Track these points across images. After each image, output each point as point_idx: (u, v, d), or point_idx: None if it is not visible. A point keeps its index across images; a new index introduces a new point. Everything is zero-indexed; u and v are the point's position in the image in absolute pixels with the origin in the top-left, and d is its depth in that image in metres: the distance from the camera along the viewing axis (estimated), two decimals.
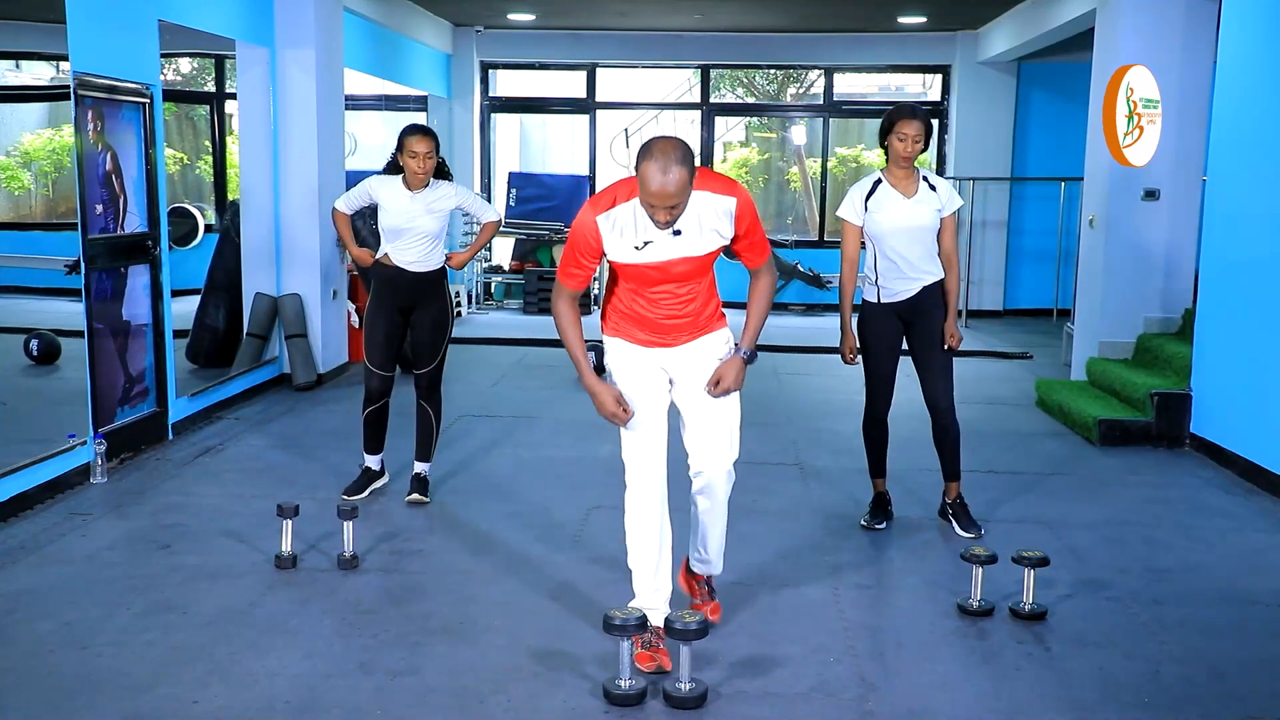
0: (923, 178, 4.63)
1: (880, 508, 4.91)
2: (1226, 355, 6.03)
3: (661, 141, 3.13)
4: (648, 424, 3.46)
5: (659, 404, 3.51)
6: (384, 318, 4.97)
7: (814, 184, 13.35)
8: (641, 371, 3.50)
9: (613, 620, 3.18)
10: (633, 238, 3.30)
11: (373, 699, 3.24)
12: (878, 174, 4.65)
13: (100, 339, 5.49)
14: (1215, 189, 6.37)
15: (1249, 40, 5.99)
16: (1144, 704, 3.30)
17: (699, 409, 3.50)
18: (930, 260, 4.62)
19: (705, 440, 3.51)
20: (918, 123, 4.48)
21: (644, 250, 3.31)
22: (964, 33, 11.97)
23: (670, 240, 3.30)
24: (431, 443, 5.16)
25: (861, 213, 4.62)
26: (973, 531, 4.70)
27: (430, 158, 4.78)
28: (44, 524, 4.72)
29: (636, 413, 3.43)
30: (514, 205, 12.53)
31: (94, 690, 3.26)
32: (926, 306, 4.64)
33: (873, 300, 4.73)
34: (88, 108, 5.38)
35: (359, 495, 5.08)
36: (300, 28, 7.52)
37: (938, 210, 4.57)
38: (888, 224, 4.57)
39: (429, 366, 5.06)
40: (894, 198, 4.57)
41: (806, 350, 9.82)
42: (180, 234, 10.09)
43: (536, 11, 11.29)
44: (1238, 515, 5.17)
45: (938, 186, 4.62)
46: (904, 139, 4.49)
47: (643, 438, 3.46)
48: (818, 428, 6.78)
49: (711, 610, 3.80)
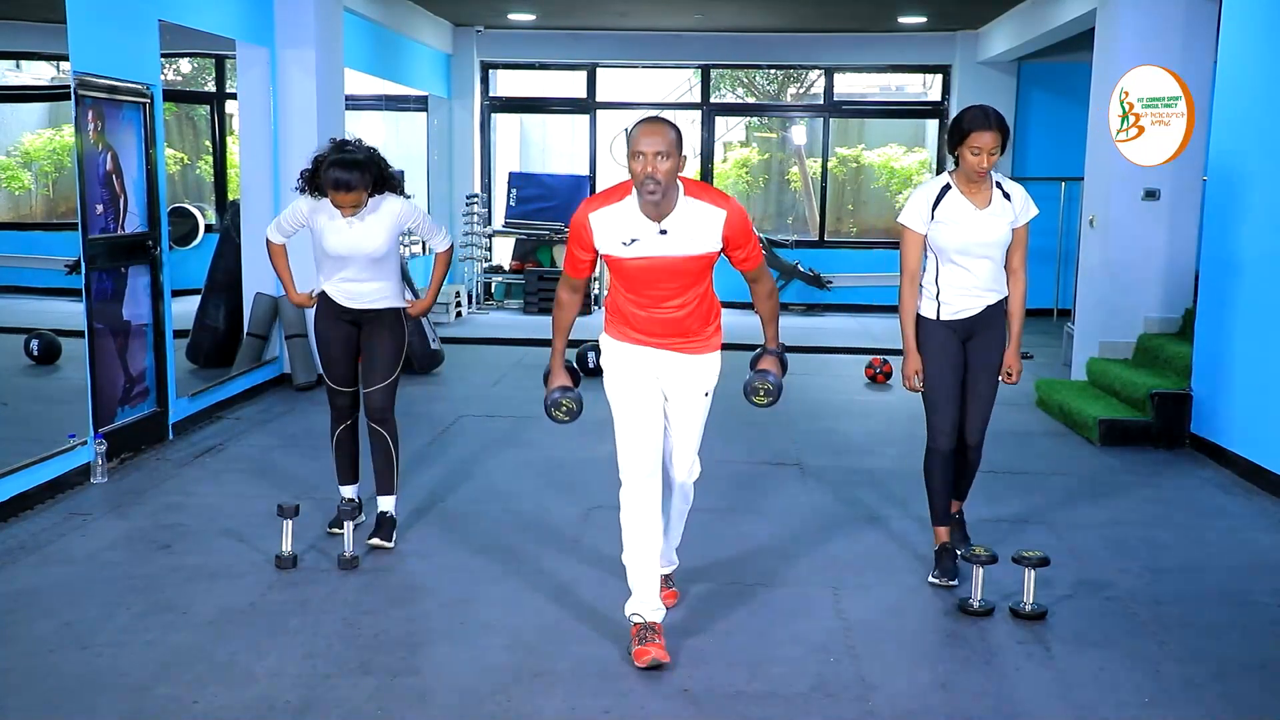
0: (996, 184, 4.08)
1: (948, 561, 4.24)
2: (1226, 355, 6.03)
3: (653, 116, 3.45)
4: (642, 422, 3.58)
5: (653, 403, 3.62)
6: (334, 331, 4.48)
7: (814, 184, 13.35)
8: (636, 372, 3.61)
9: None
10: (621, 234, 3.45)
11: (373, 699, 3.24)
12: (945, 177, 4.10)
13: (100, 339, 5.49)
14: (1215, 189, 6.37)
15: (1249, 40, 5.99)
16: (1144, 704, 3.30)
17: (676, 422, 3.72)
18: (999, 277, 4.13)
19: (678, 449, 3.77)
20: (993, 134, 3.89)
21: (631, 247, 3.45)
22: (964, 33, 11.97)
23: (657, 239, 3.43)
24: (393, 472, 4.56)
25: (927, 220, 4.06)
26: (961, 548, 4.30)
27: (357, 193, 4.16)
28: (44, 524, 4.72)
29: (631, 411, 3.58)
30: (514, 205, 12.53)
31: (94, 690, 3.26)
32: (987, 327, 4.17)
33: (931, 316, 4.16)
34: (88, 108, 5.39)
35: (343, 531, 4.37)
36: (300, 28, 7.52)
37: (1011, 222, 4.06)
38: (957, 238, 4.04)
39: (381, 383, 4.46)
40: (965, 208, 4.04)
41: (807, 350, 9.82)
42: (180, 234, 10.08)
43: (536, 11, 11.29)
44: (1238, 515, 5.17)
45: (1013, 195, 4.08)
46: (978, 152, 3.92)
47: (637, 436, 3.57)
48: (818, 428, 6.78)
49: (667, 596, 3.93)
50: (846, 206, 13.80)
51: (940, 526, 4.31)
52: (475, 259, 12.12)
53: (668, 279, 3.49)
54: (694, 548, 4.52)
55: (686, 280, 3.51)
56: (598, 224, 3.47)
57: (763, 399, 3.72)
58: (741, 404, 3.82)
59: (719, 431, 6.57)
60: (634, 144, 3.33)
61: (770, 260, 12.38)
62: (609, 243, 3.47)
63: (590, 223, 3.47)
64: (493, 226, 12.74)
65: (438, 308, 10.81)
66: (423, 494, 5.23)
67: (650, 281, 3.50)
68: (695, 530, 4.72)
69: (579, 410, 3.71)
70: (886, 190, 13.51)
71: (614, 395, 3.63)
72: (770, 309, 3.78)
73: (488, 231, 12.43)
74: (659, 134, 3.31)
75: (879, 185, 13.54)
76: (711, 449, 6.14)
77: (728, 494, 5.33)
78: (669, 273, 3.48)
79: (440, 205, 12.39)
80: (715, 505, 5.13)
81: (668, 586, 3.99)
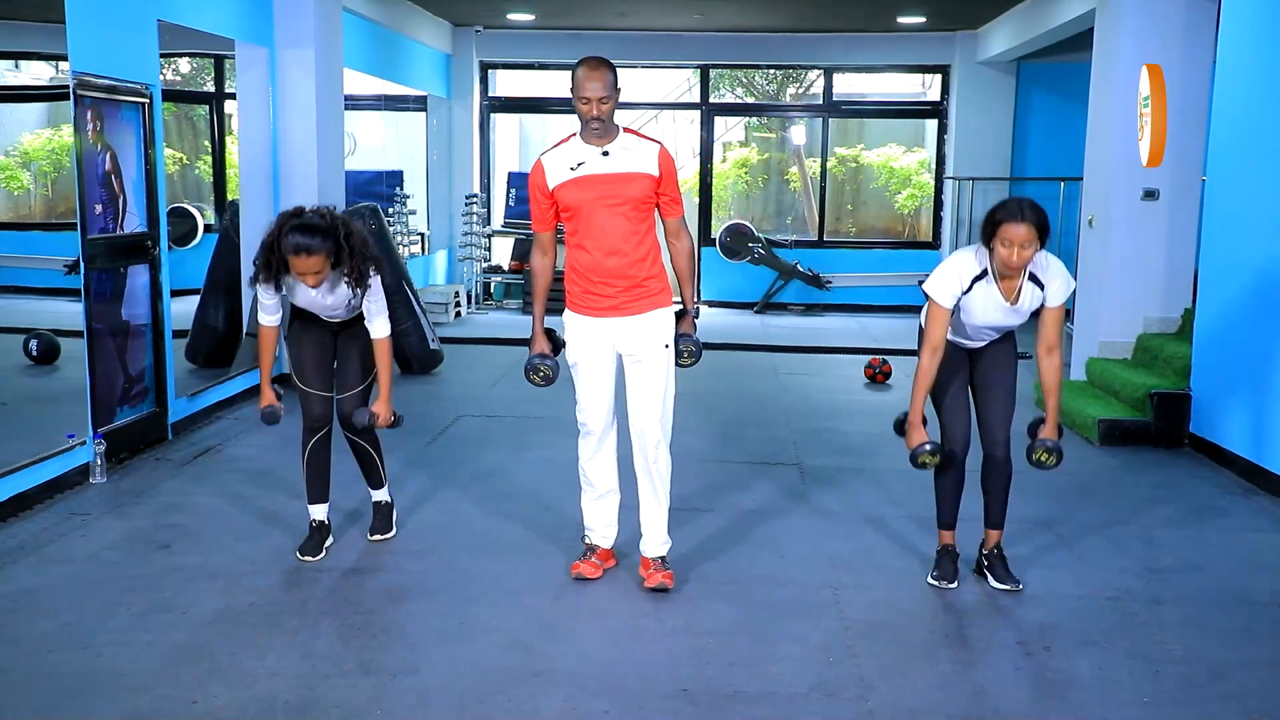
0: (1029, 275, 3.88)
1: (948, 563, 4.23)
2: (1226, 355, 6.03)
3: (591, 57, 3.95)
4: (597, 383, 4.08)
5: (607, 368, 4.08)
6: (309, 333, 4.41)
7: (813, 184, 13.35)
8: (593, 343, 4.05)
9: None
10: (569, 161, 3.97)
11: (373, 699, 3.24)
12: (985, 261, 3.88)
13: (100, 339, 5.49)
14: (1215, 189, 6.37)
15: (1249, 40, 5.99)
16: (1144, 704, 3.30)
17: (638, 378, 4.07)
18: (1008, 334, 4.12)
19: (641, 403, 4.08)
20: (1027, 227, 3.71)
21: (577, 170, 3.95)
22: (963, 33, 11.98)
23: (600, 159, 3.95)
24: (378, 469, 4.56)
25: (957, 297, 3.90)
26: (1010, 584, 4.13)
27: (317, 257, 3.97)
28: (44, 524, 4.72)
29: (588, 374, 4.08)
30: (513, 205, 12.53)
31: (94, 690, 3.26)
32: (995, 344, 4.12)
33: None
34: (87, 108, 5.38)
35: (317, 556, 4.35)
36: (300, 28, 7.51)
37: (1038, 304, 3.94)
38: (976, 319, 3.96)
39: (355, 389, 4.41)
40: (992, 300, 3.90)
41: (806, 350, 9.83)
42: (180, 234, 10.07)
43: (536, 11, 11.29)
44: (1238, 515, 5.17)
45: (1048, 283, 3.88)
46: (1009, 245, 3.74)
47: (593, 395, 4.09)
48: (818, 428, 6.78)
49: (666, 577, 4.10)
50: (846, 206, 13.80)
51: (945, 530, 4.26)
52: (474, 259, 12.12)
53: (612, 200, 3.92)
54: (693, 547, 4.52)
55: (630, 208, 3.93)
56: (548, 162, 4.00)
57: (687, 360, 4.16)
58: (741, 404, 3.82)
59: (718, 431, 6.60)
60: (579, 89, 3.88)
61: (769, 260, 12.39)
62: (558, 173, 3.96)
63: (543, 163, 4.01)
64: (492, 226, 12.74)
65: (437, 308, 10.80)
66: (422, 494, 5.23)
67: (597, 207, 3.92)
68: (695, 530, 4.73)
69: (555, 376, 4.16)
70: (886, 190, 13.52)
71: (574, 363, 4.10)
72: (688, 269, 4.17)
73: (487, 231, 12.44)
74: (600, 79, 3.87)
75: (878, 185, 13.55)
76: (711, 448, 6.17)
77: (727, 494, 5.33)
78: (613, 194, 3.92)
79: (439, 205, 12.40)
80: (714, 505, 5.13)
81: (664, 568, 4.14)
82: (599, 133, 3.94)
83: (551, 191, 3.99)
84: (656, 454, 4.09)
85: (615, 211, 3.94)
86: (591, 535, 4.27)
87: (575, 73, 3.92)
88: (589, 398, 4.10)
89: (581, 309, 4.06)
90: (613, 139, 3.96)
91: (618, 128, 3.99)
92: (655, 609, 3.94)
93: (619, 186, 3.93)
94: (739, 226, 12.56)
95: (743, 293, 12.67)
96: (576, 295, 4.06)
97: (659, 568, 4.13)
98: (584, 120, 3.92)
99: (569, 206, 3.97)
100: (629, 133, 4.02)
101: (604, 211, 3.93)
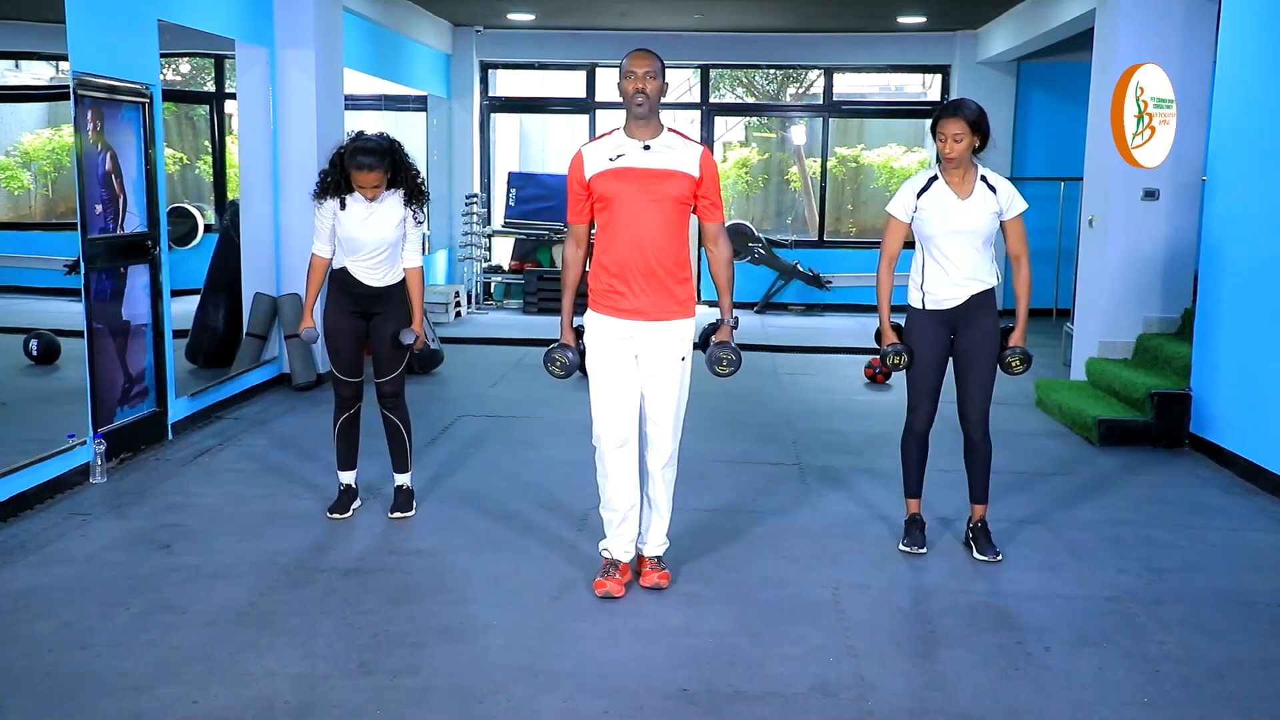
0: (981, 177, 4.30)
1: (916, 531, 4.57)
2: (1226, 355, 6.03)
3: (640, 48, 3.95)
4: (618, 389, 3.97)
5: (628, 375, 3.98)
6: (344, 323, 4.74)
7: (813, 184, 13.35)
8: (614, 346, 3.97)
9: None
10: (609, 152, 3.93)
11: (373, 699, 3.24)
12: (934, 169, 4.35)
13: (100, 339, 5.49)
14: (1215, 189, 6.37)
15: (1248, 40, 5.99)
16: (1144, 704, 3.30)
17: (654, 388, 4.00)
18: (981, 267, 4.30)
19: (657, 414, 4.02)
20: (958, 120, 4.17)
21: (616, 161, 3.90)
22: (963, 33, 11.97)
23: (640, 153, 3.89)
24: (406, 453, 4.95)
25: (910, 209, 4.30)
26: (989, 555, 4.42)
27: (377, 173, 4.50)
28: (44, 524, 4.72)
29: (607, 379, 3.97)
30: (514, 205, 12.52)
31: (94, 690, 3.26)
32: (975, 314, 4.33)
33: (918, 306, 4.38)
34: (87, 108, 5.38)
35: (345, 514, 4.86)
36: (300, 28, 7.52)
37: (995, 213, 4.26)
38: (937, 225, 4.26)
39: (391, 374, 4.82)
40: (947, 197, 4.26)
41: (806, 350, 9.83)
42: (180, 234, 10.07)
43: (536, 11, 11.29)
44: (1238, 515, 5.17)
45: (998, 188, 4.29)
46: (943, 139, 4.19)
47: (612, 402, 3.97)
48: (818, 428, 6.78)
49: (662, 577, 4.11)
50: (846, 206, 13.80)
51: (911, 499, 4.59)
52: (475, 259, 12.12)
53: (648, 195, 3.85)
54: (693, 547, 4.52)
55: (665, 206, 3.87)
56: (588, 153, 3.95)
57: (725, 369, 4.08)
58: (741, 405, 3.82)
59: (718, 431, 6.59)
60: (625, 68, 3.85)
61: (769, 260, 12.38)
62: (596, 162, 3.91)
63: (583, 154, 3.96)
64: (492, 226, 12.74)
65: (437, 308, 10.82)
66: (422, 494, 5.23)
67: (632, 199, 3.85)
68: (694, 529, 4.73)
69: (572, 368, 4.10)
70: (886, 190, 13.51)
71: (592, 367, 4.01)
72: (727, 277, 4.07)
73: (487, 231, 12.44)
74: (646, 60, 3.85)
75: (878, 185, 13.54)
76: (711, 448, 6.17)
77: (727, 493, 5.33)
78: (649, 189, 3.85)
79: (440, 205, 12.39)
80: (714, 505, 5.13)
81: (660, 568, 4.15)
82: (643, 120, 3.87)
83: (588, 181, 3.92)
84: (667, 464, 4.08)
85: (650, 207, 3.87)
86: (611, 552, 4.12)
87: (622, 62, 3.89)
88: (607, 405, 3.97)
89: (604, 309, 3.96)
90: (656, 134, 3.91)
91: (663, 125, 3.93)
92: (655, 609, 3.94)
93: (656, 182, 3.87)
94: (739, 226, 12.56)
95: (743, 293, 12.65)
96: (600, 294, 3.97)
97: (655, 567, 4.14)
98: (629, 102, 3.85)
99: (604, 197, 3.90)
100: (673, 132, 3.97)
101: (638, 205, 3.86)
